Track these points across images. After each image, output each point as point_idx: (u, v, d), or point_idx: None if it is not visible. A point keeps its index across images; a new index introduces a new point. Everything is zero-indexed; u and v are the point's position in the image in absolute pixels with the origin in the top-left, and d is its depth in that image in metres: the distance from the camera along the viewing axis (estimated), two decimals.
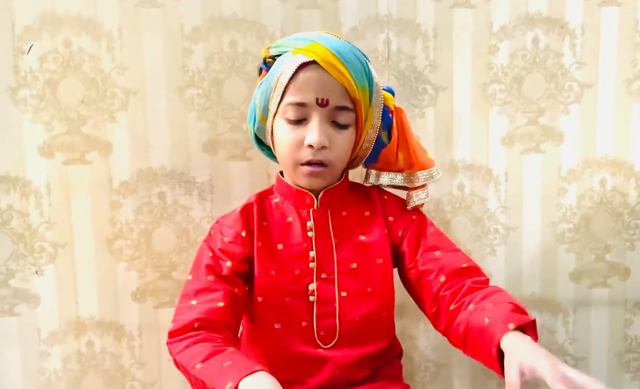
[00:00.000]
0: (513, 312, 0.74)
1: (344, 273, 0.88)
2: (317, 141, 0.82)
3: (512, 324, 0.71)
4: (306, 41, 0.83)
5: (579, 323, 1.17)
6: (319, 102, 0.82)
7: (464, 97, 1.10)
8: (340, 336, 0.87)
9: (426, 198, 0.92)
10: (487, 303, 0.78)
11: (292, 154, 0.84)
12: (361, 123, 0.86)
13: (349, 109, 0.84)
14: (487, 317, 0.74)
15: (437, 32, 1.08)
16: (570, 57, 1.10)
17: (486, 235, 1.13)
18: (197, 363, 0.75)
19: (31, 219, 1.04)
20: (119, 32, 1.02)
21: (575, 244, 1.15)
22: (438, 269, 0.86)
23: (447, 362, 1.16)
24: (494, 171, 1.12)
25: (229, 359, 0.74)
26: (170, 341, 0.81)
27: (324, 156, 0.84)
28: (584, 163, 1.13)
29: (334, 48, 0.82)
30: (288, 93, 0.83)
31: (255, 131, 0.91)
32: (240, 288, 0.86)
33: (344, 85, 0.82)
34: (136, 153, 1.05)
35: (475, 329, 0.76)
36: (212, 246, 0.88)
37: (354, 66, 0.82)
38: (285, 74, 0.83)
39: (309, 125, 0.83)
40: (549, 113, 1.11)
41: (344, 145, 0.86)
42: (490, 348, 0.72)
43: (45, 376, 1.08)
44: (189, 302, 0.83)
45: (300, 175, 0.86)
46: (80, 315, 1.07)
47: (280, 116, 0.85)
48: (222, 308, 0.82)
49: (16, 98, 1.01)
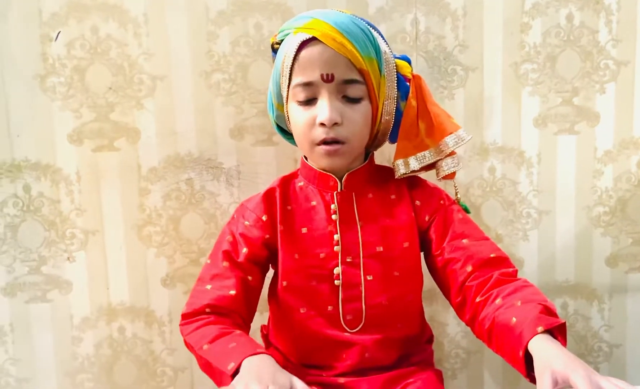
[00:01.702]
0: (542, 313, 0.71)
1: (370, 256, 0.87)
2: (328, 118, 0.80)
3: (541, 327, 0.69)
4: (305, 19, 0.82)
5: (615, 310, 1.14)
6: (324, 78, 0.80)
7: (495, 78, 1.07)
8: (366, 320, 0.86)
9: (457, 166, 0.88)
10: (515, 300, 0.75)
11: (307, 135, 0.83)
12: (374, 95, 0.83)
13: (358, 81, 0.82)
14: (515, 316, 0.72)
15: (467, 10, 1.05)
16: (605, 33, 1.06)
17: (518, 219, 1.11)
18: (205, 344, 0.77)
19: (62, 206, 1.05)
20: (145, 18, 1.02)
21: (611, 228, 1.11)
22: (465, 258, 0.83)
23: (478, 349, 1.14)
24: (526, 153, 1.09)
25: (235, 341, 0.75)
26: (183, 323, 0.84)
27: (338, 133, 0.82)
28: (621, 144, 1.09)
29: (333, 21, 0.80)
30: (294, 75, 0.82)
31: (276, 120, 0.90)
32: (255, 276, 0.86)
33: (347, 57, 0.80)
34: (164, 140, 1.05)
35: (501, 326, 0.74)
36: (233, 230, 0.88)
37: (355, 36, 0.80)
38: (289, 56, 0.82)
39: (318, 104, 0.82)
40: (583, 93, 1.08)
41: (359, 120, 0.83)
42: (517, 349, 0.70)
43: (78, 361, 1.09)
44: (204, 286, 0.84)
45: (318, 156, 0.84)
46: (112, 300, 1.08)
47: (292, 99, 0.84)
48: (234, 296, 0.83)
49: (45, 86, 1.02)
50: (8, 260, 1.06)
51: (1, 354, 1.09)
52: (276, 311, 0.90)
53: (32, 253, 1.06)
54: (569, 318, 1.14)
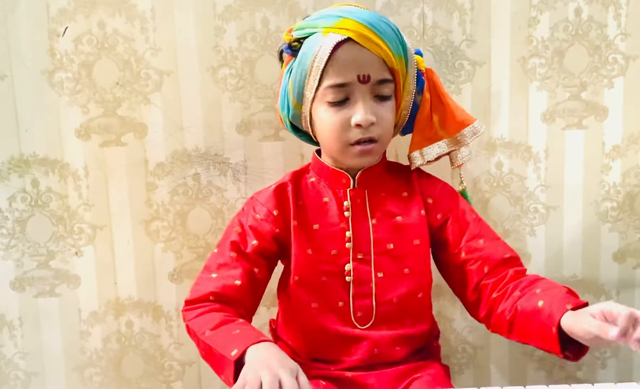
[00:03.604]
0: (568, 294, 0.75)
1: (381, 253, 0.87)
2: (365, 119, 0.81)
3: (570, 305, 0.72)
4: (334, 18, 0.81)
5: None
6: (361, 79, 0.81)
7: (503, 72, 1.06)
8: (376, 317, 0.87)
9: (470, 156, 0.91)
10: (535, 289, 0.79)
11: (340, 136, 0.83)
12: (400, 92, 0.85)
13: (389, 81, 0.83)
14: (542, 300, 0.75)
15: (474, 4, 1.04)
16: (614, 27, 1.05)
17: (525, 214, 1.10)
18: (207, 330, 0.77)
19: (70, 201, 1.06)
20: (152, 13, 1.02)
21: (619, 223, 1.11)
22: (482, 259, 0.85)
23: (484, 344, 1.14)
24: (533, 148, 1.08)
25: (238, 329, 0.76)
26: (185, 308, 0.84)
27: (373, 132, 0.82)
28: (629, 139, 1.08)
29: (366, 20, 0.80)
30: (327, 77, 0.81)
31: (290, 119, 0.89)
32: (262, 269, 0.86)
33: (381, 57, 0.81)
34: (171, 135, 1.05)
35: (526, 313, 0.77)
36: (242, 221, 0.88)
37: (388, 36, 0.81)
38: (321, 57, 0.81)
39: (353, 105, 0.82)
40: (592, 88, 1.07)
41: (389, 118, 0.84)
42: (549, 327, 0.72)
43: (86, 355, 1.10)
44: (210, 274, 0.85)
45: (350, 156, 0.84)
46: (120, 295, 1.09)
47: (320, 100, 0.83)
48: (239, 286, 0.83)
49: (53, 81, 1.03)
50: (17, 255, 1.07)
51: (10, 348, 1.10)
52: (286, 306, 0.91)
53: (40, 247, 1.07)
54: None
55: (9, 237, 1.07)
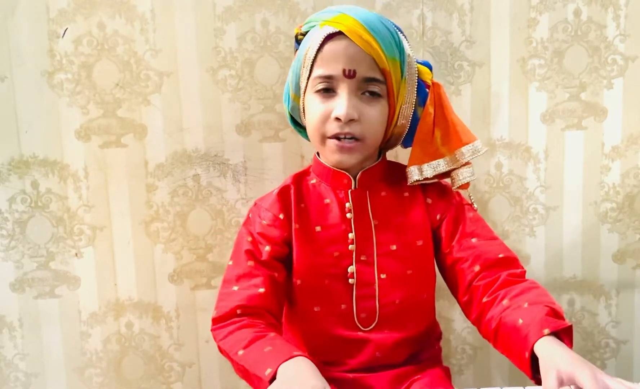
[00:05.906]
0: (548, 316, 0.71)
1: (384, 255, 0.86)
2: (344, 113, 0.80)
3: (547, 329, 0.69)
4: (333, 13, 0.82)
5: (622, 306, 1.13)
6: (346, 73, 0.80)
7: (502, 73, 1.06)
8: (380, 318, 0.86)
9: (472, 176, 0.88)
10: (522, 302, 0.75)
11: (319, 127, 0.83)
12: (393, 96, 0.83)
13: (379, 81, 0.82)
14: (522, 318, 0.72)
15: (474, 5, 1.04)
16: (613, 28, 1.06)
17: (525, 215, 1.10)
18: (240, 349, 0.76)
19: (70, 202, 1.06)
20: (152, 14, 1.02)
21: (618, 224, 1.11)
22: (473, 258, 0.83)
23: (484, 345, 1.14)
24: (533, 149, 1.08)
25: (269, 345, 0.74)
26: (214, 328, 0.82)
27: (353, 129, 0.81)
28: (629, 140, 1.08)
29: (361, 18, 0.80)
30: (316, 67, 0.82)
31: (290, 111, 0.90)
32: (280, 273, 0.86)
33: (371, 56, 0.80)
34: (171, 136, 1.05)
35: (507, 327, 0.74)
36: (251, 230, 0.88)
37: (382, 36, 0.80)
38: (313, 47, 0.82)
39: (336, 98, 0.81)
40: (591, 88, 1.07)
41: (376, 118, 0.83)
42: (523, 350, 0.70)
43: (86, 356, 1.10)
44: (231, 288, 0.84)
45: (328, 150, 0.84)
46: (120, 296, 1.09)
47: (310, 91, 0.84)
48: (263, 293, 0.82)
49: (52, 83, 1.03)
50: (17, 256, 1.07)
51: (10, 349, 1.10)
52: (289, 309, 0.91)
53: (40, 249, 1.07)
54: (576, 314, 1.14)
55: (9, 238, 1.07)
